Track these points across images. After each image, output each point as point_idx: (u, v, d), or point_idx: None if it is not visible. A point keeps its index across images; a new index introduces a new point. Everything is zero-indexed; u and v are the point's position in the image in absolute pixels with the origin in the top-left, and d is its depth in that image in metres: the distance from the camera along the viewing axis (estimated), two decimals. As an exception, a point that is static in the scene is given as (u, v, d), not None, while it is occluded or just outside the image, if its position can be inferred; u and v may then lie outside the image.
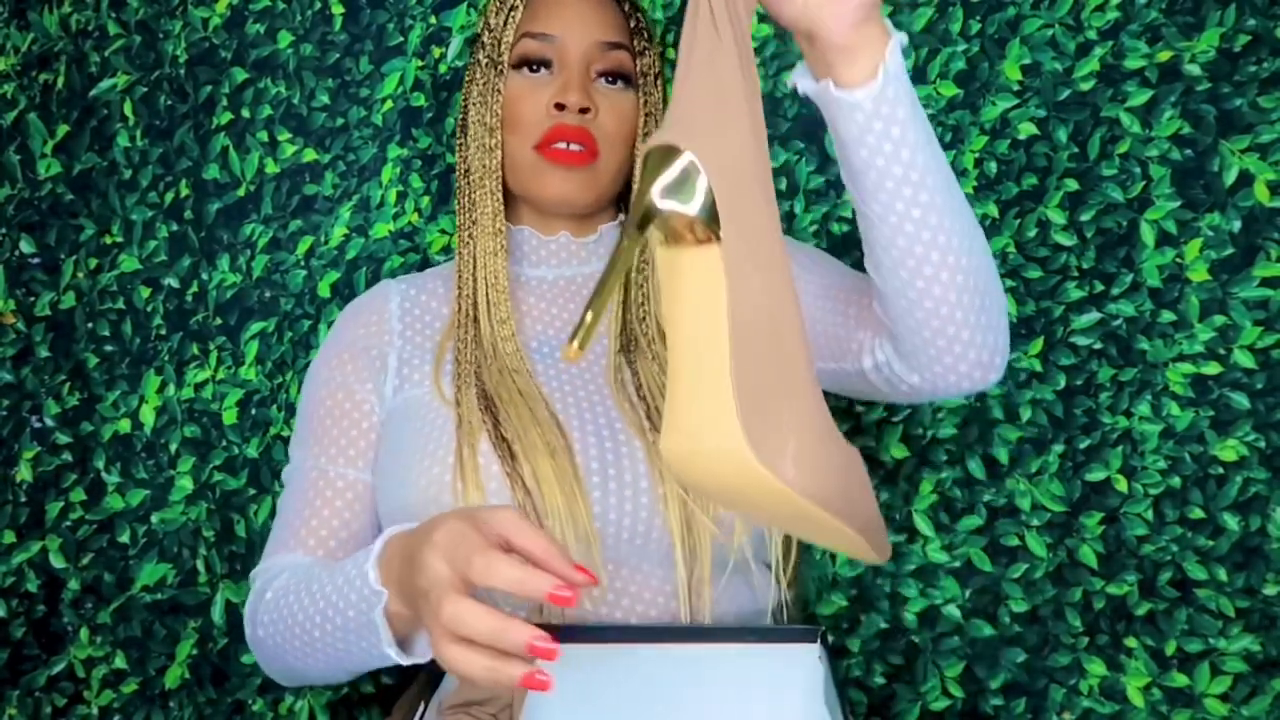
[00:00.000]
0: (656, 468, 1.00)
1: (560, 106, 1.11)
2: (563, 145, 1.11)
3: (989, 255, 0.91)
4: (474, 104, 1.14)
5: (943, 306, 0.88)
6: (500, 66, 1.13)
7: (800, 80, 0.86)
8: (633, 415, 1.04)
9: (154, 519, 1.43)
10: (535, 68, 1.13)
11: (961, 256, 0.87)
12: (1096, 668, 1.37)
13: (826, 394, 0.84)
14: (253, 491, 1.43)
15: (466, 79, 1.17)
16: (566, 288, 1.18)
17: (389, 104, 1.43)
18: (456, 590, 0.77)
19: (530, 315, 1.16)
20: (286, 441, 1.42)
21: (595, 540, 0.99)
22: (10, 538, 1.43)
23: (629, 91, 1.15)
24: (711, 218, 0.72)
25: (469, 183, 1.15)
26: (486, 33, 1.14)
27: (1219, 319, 1.36)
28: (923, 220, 0.85)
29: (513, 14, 1.13)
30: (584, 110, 1.11)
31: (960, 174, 1.39)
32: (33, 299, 1.44)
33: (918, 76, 1.38)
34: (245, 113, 1.44)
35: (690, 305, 0.74)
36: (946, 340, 0.90)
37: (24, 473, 1.43)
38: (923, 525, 1.39)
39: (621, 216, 1.21)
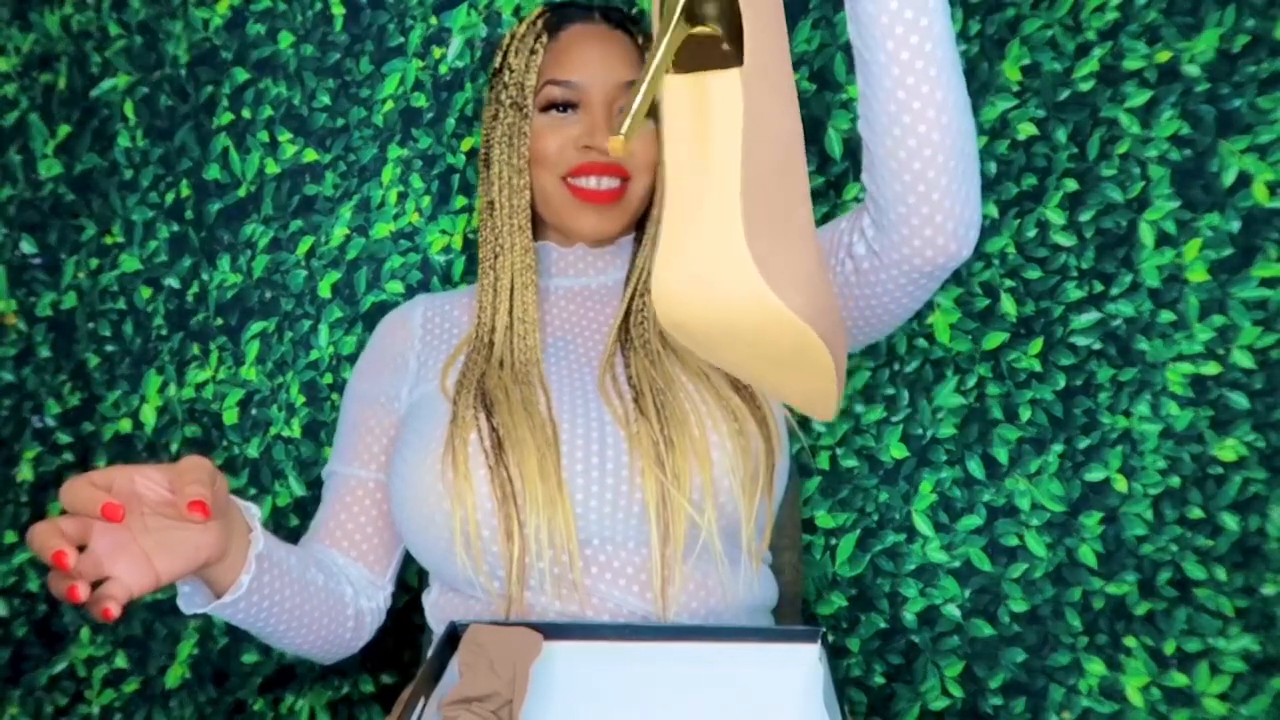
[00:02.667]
0: (636, 454, 1.04)
1: (589, 148, 1.15)
2: (594, 182, 1.15)
3: (973, 123, 0.93)
4: (499, 143, 1.18)
5: (929, 170, 0.90)
6: (525, 109, 1.16)
7: None
8: (619, 406, 1.08)
9: (155, 519, 1.43)
10: (562, 109, 1.16)
11: (953, 118, 0.89)
12: (1096, 667, 1.37)
13: None
14: (254, 491, 1.44)
15: (488, 114, 1.20)
16: (581, 293, 1.20)
17: (389, 104, 1.44)
18: (52, 519, 0.82)
19: (542, 321, 1.19)
20: (287, 441, 1.43)
21: (573, 531, 1.03)
22: (12, 537, 1.43)
23: (648, 120, 1.17)
24: (735, 39, 0.74)
25: (494, 216, 1.19)
26: (508, 73, 1.18)
27: (1218, 319, 1.36)
28: (923, 73, 0.87)
29: (533, 58, 1.17)
30: None
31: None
32: (34, 299, 1.44)
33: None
34: (246, 113, 1.44)
35: (698, 133, 0.74)
36: (929, 207, 0.92)
37: (25, 472, 1.43)
38: (923, 525, 1.39)
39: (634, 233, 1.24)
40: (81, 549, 0.81)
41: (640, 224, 1.24)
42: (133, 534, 0.84)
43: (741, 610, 1.09)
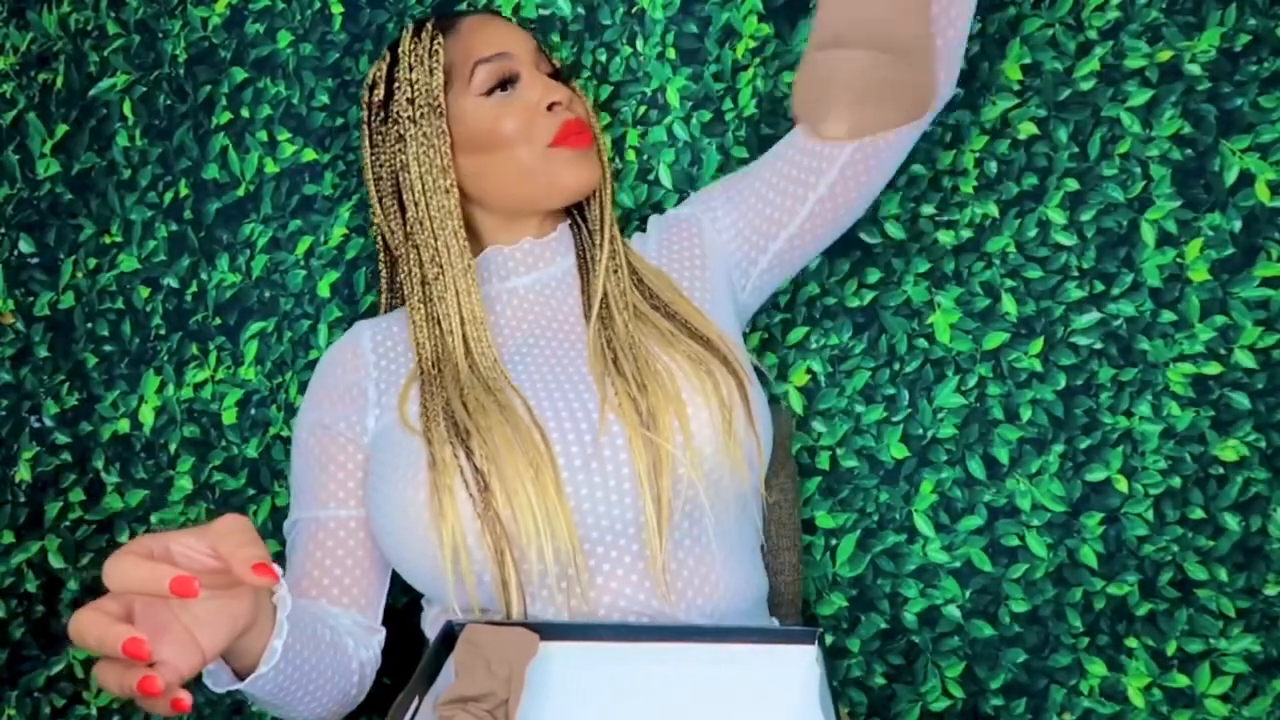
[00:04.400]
0: (614, 419, 1.05)
1: (552, 106, 1.16)
2: (575, 138, 1.17)
3: None
4: (415, 160, 1.16)
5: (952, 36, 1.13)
6: (440, 109, 1.15)
7: None
8: (601, 376, 1.08)
9: (153, 519, 1.43)
10: (505, 86, 1.17)
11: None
12: (1097, 668, 1.37)
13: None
14: (252, 491, 1.43)
15: (388, 141, 1.19)
16: (532, 288, 1.20)
17: (388, 104, 1.43)
18: (94, 604, 0.74)
19: (500, 326, 1.18)
20: (286, 441, 1.43)
21: (577, 545, 1.01)
22: (9, 538, 1.43)
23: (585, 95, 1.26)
24: None
25: (417, 243, 1.17)
26: (408, 88, 1.16)
27: (1219, 319, 1.36)
28: None
29: (435, 58, 1.16)
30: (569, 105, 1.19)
31: (960, 174, 1.39)
32: (32, 299, 1.44)
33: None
34: (245, 112, 1.44)
35: None
36: (945, 74, 1.16)
37: (23, 473, 1.43)
38: (923, 525, 1.39)
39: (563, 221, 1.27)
40: None
41: (578, 210, 1.26)
42: (173, 611, 0.77)
43: (737, 594, 1.08)
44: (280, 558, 1.40)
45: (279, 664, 0.90)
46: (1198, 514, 1.36)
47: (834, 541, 1.40)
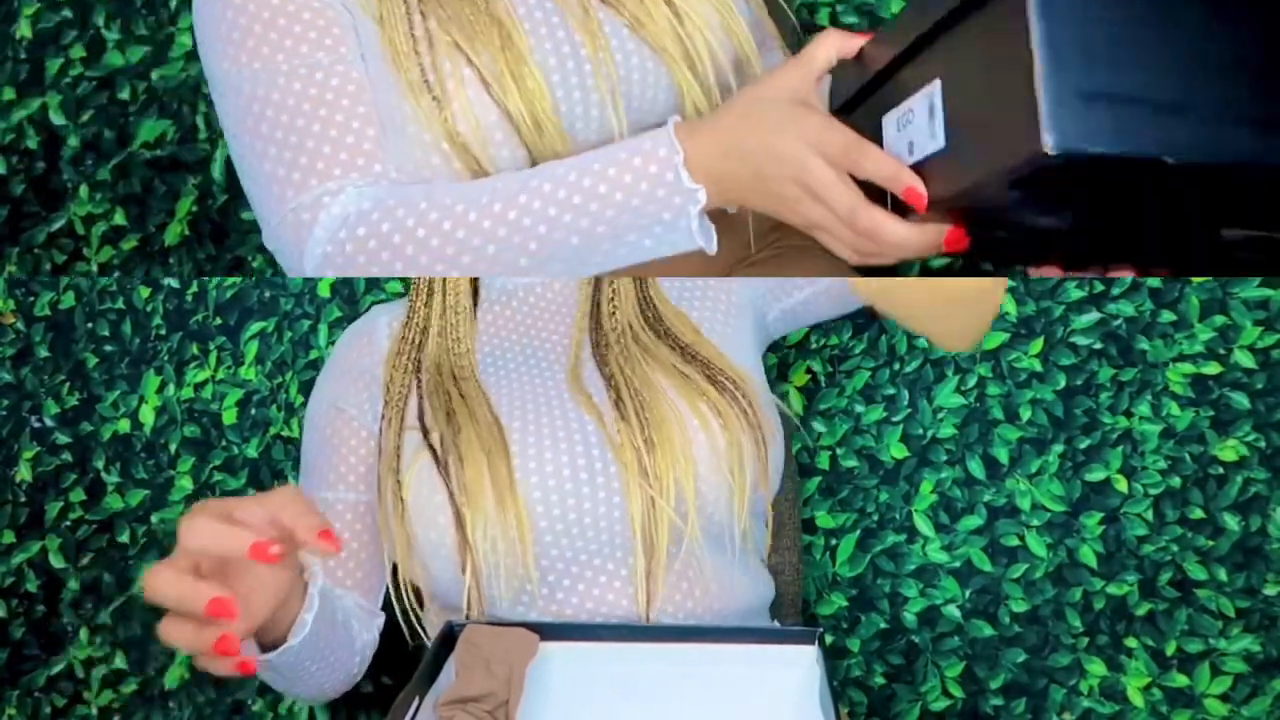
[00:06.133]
0: (613, 458, 1.00)
1: None
2: None
3: None
4: None
5: None
6: None
7: None
8: (590, 407, 1.03)
9: (154, 519, 1.43)
10: None
11: None
12: (1096, 668, 1.37)
13: None
14: (252, 491, 1.43)
15: None
16: (542, 294, 1.17)
17: (388, 104, 1.43)
18: (167, 561, 0.74)
19: (505, 326, 1.16)
20: (287, 441, 1.43)
21: (530, 544, 0.98)
22: (10, 538, 1.43)
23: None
24: None
25: None
26: None
27: (1219, 319, 1.36)
28: None
29: None
30: None
31: (960, 174, 1.39)
32: (32, 299, 1.44)
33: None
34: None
35: None
36: None
37: (23, 473, 1.43)
38: (923, 525, 1.39)
39: None
40: None
41: None
42: (227, 577, 0.77)
43: (740, 602, 1.06)
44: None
45: (306, 637, 0.89)
46: (1197, 514, 1.36)
47: (834, 541, 1.40)
